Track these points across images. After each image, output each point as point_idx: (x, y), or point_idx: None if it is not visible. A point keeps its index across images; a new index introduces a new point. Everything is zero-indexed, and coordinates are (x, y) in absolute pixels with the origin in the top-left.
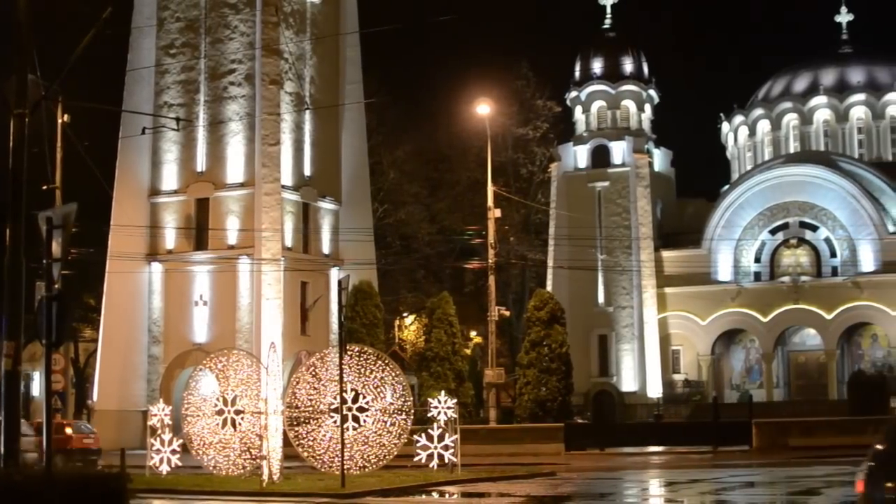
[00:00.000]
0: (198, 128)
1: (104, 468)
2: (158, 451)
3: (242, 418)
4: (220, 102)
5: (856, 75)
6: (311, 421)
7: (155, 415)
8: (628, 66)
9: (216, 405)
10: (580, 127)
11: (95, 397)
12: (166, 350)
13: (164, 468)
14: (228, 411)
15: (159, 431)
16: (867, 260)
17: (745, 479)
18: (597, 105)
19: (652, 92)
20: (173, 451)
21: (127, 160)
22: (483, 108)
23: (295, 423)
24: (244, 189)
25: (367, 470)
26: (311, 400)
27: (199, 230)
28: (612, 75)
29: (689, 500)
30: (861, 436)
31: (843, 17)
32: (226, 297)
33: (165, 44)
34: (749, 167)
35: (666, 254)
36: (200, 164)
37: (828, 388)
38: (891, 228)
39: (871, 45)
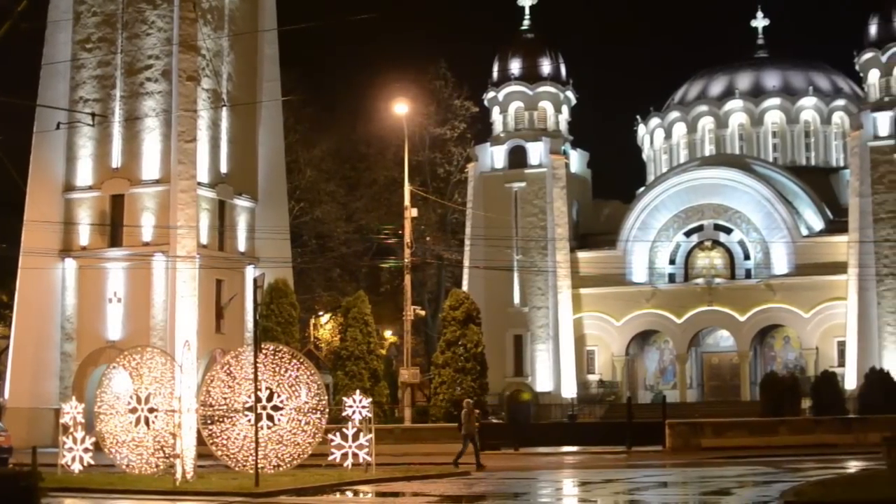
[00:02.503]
0: (114, 123)
1: (15, 466)
2: (71, 449)
3: (156, 416)
4: (137, 98)
5: (771, 80)
6: (226, 419)
7: (67, 413)
8: (546, 67)
9: (129, 403)
10: (497, 127)
11: (7, 395)
12: (79, 347)
13: (77, 467)
14: (142, 409)
15: (72, 429)
16: (780, 263)
17: (658, 480)
18: (514, 106)
19: (569, 93)
20: (86, 450)
21: (41, 155)
22: (401, 108)
23: (209, 421)
24: (160, 186)
25: (281, 469)
26: (225, 398)
27: (114, 227)
28: (530, 76)
29: (602, 500)
30: (773, 436)
31: (759, 22)
32: (140, 295)
33: (82, 38)
34: (665, 169)
35: (581, 255)
36: (116, 160)
37: (741, 390)
38: (804, 232)
39: (786, 50)
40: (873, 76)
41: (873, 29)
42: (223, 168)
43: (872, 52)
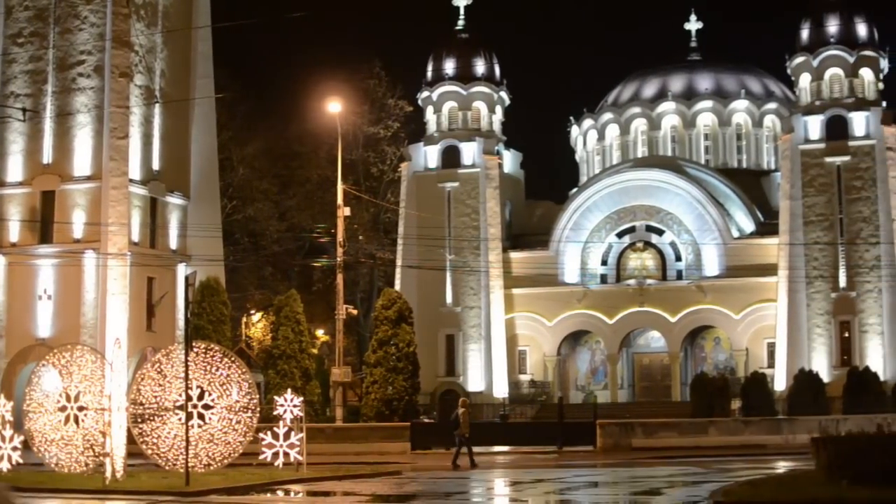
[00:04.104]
0: (45, 119)
1: None
2: None
3: (86, 415)
4: (69, 94)
5: (704, 82)
6: (156, 418)
7: None
8: (480, 67)
9: (59, 401)
10: (431, 127)
11: None
12: (8, 345)
13: (4, 465)
14: (71, 407)
15: (0, 428)
16: (711, 264)
17: (588, 480)
18: (448, 106)
19: (503, 94)
20: (14, 448)
21: None
22: (334, 107)
23: (139, 420)
24: (91, 182)
25: (212, 468)
26: (156, 397)
27: (45, 223)
28: (464, 76)
29: (533, 499)
30: (703, 437)
31: (693, 24)
32: (70, 292)
33: (13, 32)
34: (598, 171)
35: (514, 255)
36: (47, 155)
37: (671, 390)
38: (735, 234)
39: (719, 53)
40: (804, 80)
41: (805, 33)
42: (155, 165)
43: (804, 57)
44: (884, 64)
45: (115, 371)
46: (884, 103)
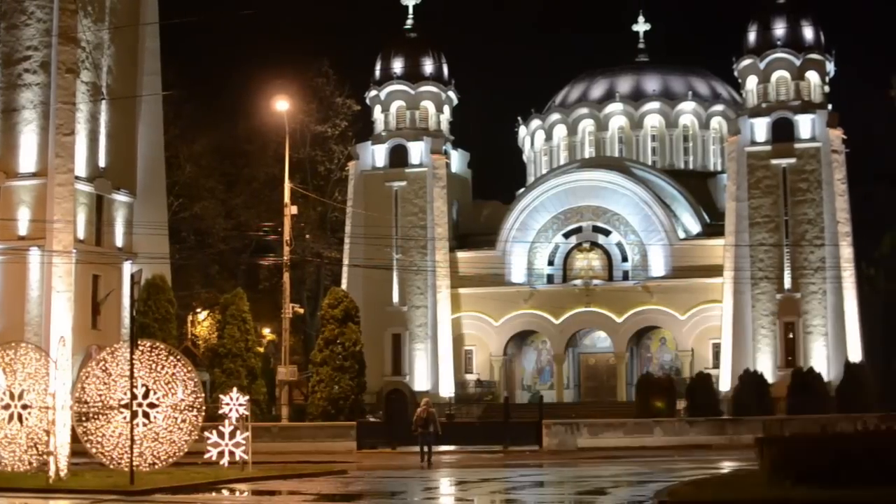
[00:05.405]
0: None
1: None
2: None
3: (29, 413)
4: (14, 90)
5: (651, 84)
6: (101, 416)
7: None
8: (428, 67)
9: (2, 399)
10: (379, 126)
11: None
12: None
13: None
14: (15, 406)
15: None
16: (658, 265)
17: (534, 479)
18: (396, 105)
19: (451, 94)
20: None
21: None
22: (282, 105)
23: (84, 418)
24: (36, 179)
25: (157, 467)
26: (100, 395)
27: None
28: (413, 76)
29: (479, 499)
30: (648, 437)
31: (641, 26)
32: (15, 289)
33: None
34: (545, 171)
35: (461, 254)
36: None
37: (617, 390)
38: (681, 235)
39: (667, 55)
40: (751, 82)
41: (752, 36)
42: (101, 162)
43: (751, 59)
44: (830, 67)
45: (59, 369)
46: (829, 106)
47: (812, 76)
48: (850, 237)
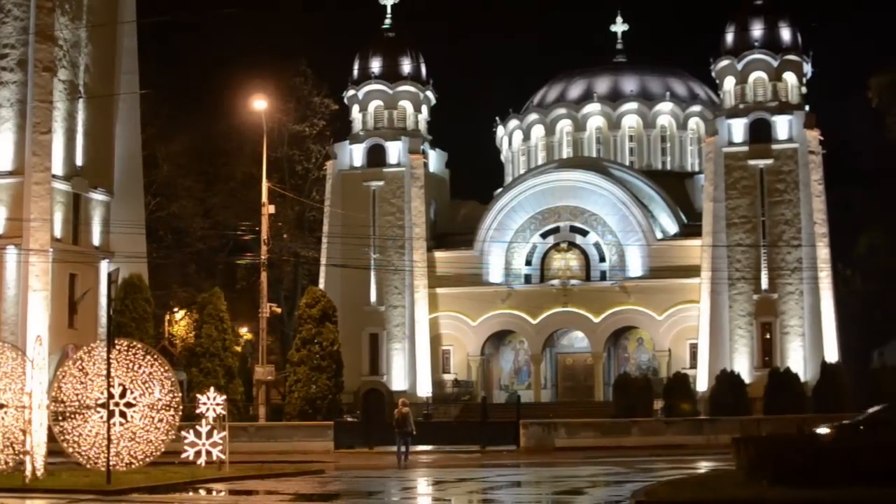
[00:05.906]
0: None
1: None
2: None
3: (6, 412)
4: None
5: (629, 84)
6: (77, 416)
7: None
8: (406, 66)
9: None
10: (357, 126)
11: None
12: None
13: None
14: None
15: None
16: (635, 265)
17: (511, 479)
18: (374, 104)
19: (429, 93)
20: None
21: None
22: (260, 104)
23: (60, 418)
24: (13, 177)
25: (133, 466)
26: (77, 394)
27: None
28: (391, 75)
29: (456, 499)
30: (626, 437)
31: (619, 27)
32: None
33: None
34: (523, 171)
35: (438, 254)
36: None
37: (594, 390)
38: (658, 235)
39: (644, 55)
40: (729, 83)
41: (730, 37)
42: (79, 161)
43: (728, 60)
44: (807, 68)
45: (35, 368)
46: (807, 107)
47: (789, 77)
48: (826, 238)
